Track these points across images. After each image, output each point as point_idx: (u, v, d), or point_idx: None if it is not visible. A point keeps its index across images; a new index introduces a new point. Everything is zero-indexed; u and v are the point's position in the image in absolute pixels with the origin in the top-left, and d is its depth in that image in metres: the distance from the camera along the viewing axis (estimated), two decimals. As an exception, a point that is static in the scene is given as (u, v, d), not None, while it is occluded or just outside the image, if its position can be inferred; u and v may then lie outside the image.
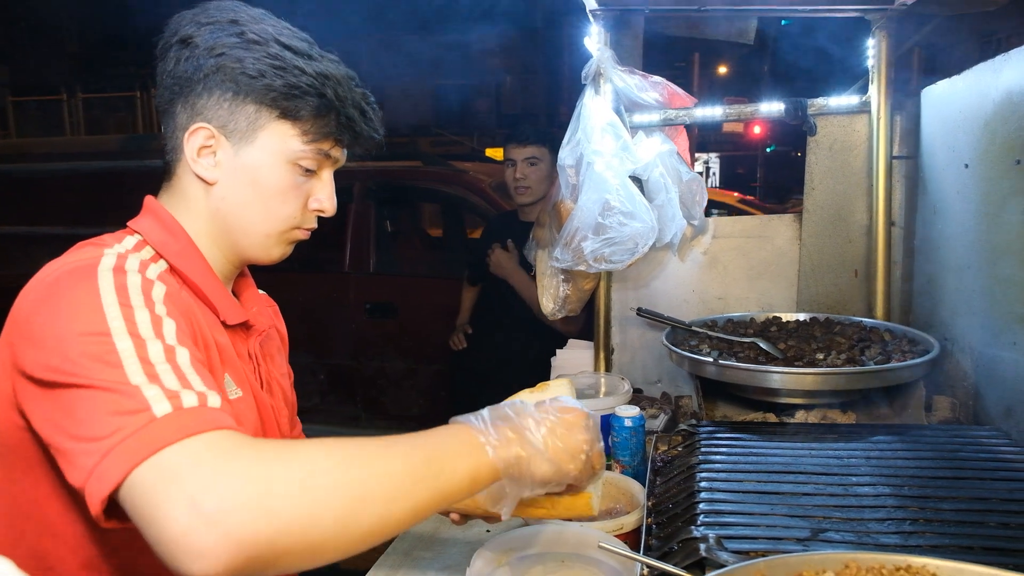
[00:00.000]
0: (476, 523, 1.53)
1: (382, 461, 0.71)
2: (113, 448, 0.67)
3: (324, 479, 0.67)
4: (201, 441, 0.67)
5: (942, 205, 1.64)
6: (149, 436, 0.67)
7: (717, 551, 0.91)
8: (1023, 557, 0.91)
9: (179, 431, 0.67)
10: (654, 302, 2.08)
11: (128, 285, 0.81)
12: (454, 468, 0.75)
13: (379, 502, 0.69)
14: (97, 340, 0.74)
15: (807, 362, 1.60)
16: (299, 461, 0.68)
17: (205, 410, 0.71)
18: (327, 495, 0.67)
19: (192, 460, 0.66)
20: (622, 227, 1.75)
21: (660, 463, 1.34)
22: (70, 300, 0.78)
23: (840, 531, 0.98)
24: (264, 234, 0.99)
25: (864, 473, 1.15)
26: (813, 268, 1.98)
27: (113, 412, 0.69)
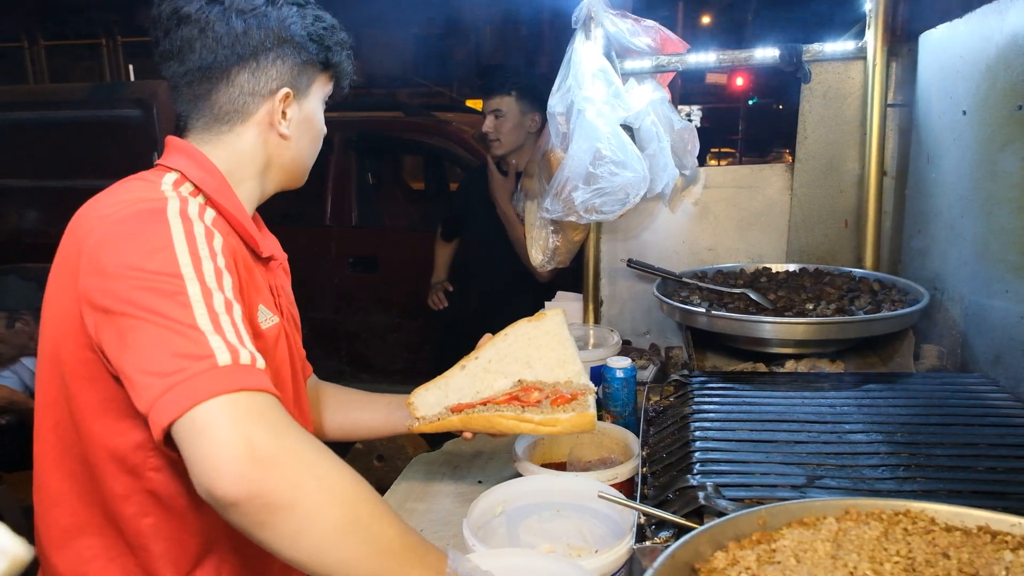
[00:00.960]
0: (470, 473, 1.55)
1: (381, 523, 0.82)
2: (176, 385, 0.77)
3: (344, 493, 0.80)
4: (252, 398, 0.79)
5: (936, 153, 1.63)
6: (211, 380, 0.78)
7: (716, 499, 0.91)
8: (1012, 500, 0.92)
9: (237, 383, 0.78)
10: (644, 253, 2.07)
11: (196, 233, 0.90)
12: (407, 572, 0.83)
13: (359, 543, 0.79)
14: (170, 280, 0.84)
15: (797, 312, 1.60)
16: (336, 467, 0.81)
17: (255, 370, 0.81)
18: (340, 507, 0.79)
19: (246, 411, 0.77)
20: (613, 177, 1.72)
21: (652, 413, 1.34)
22: (145, 238, 0.87)
23: (835, 478, 0.98)
24: (308, 168, 1.15)
25: (856, 421, 1.16)
26: (804, 218, 1.97)
27: (179, 354, 0.79)
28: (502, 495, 1.11)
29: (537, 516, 1.13)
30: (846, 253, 1.94)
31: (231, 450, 0.74)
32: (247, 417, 0.77)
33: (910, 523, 0.77)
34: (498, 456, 1.62)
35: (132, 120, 3.75)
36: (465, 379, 1.25)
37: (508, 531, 1.11)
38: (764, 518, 0.77)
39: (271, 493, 0.75)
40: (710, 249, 2.08)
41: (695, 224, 2.07)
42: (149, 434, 0.85)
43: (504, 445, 1.66)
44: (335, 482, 0.80)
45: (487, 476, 1.53)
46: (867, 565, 0.70)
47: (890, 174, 1.86)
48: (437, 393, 1.24)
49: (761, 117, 15.25)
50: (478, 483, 1.50)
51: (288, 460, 0.77)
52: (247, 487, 0.74)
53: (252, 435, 0.76)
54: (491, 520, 1.09)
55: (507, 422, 1.11)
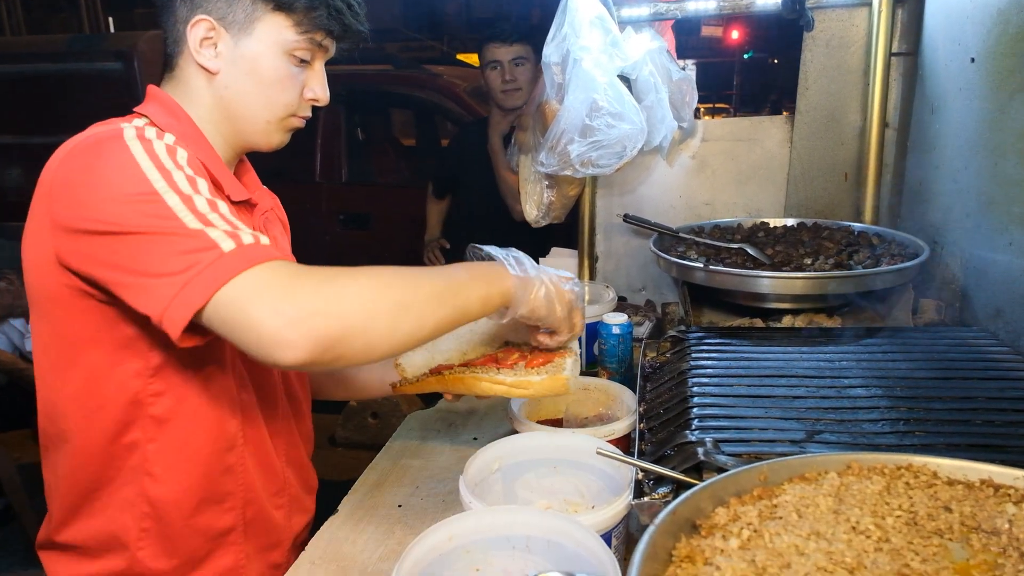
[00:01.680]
0: (465, 430, 1.54)
1: (419, 283, 0.90)
2: (192, 279, 0.81)
3: (375, 292, 0.86)
4: (269, 267, 0.83)
5: (941, 103, 1.59)
6: (224, 265, 0.82)
7: (715, 454, 0.90)
8: (1012, 453, 0.92)
9: (249, 260, 0.83)
10: (640, 208, 2.04)
11: (156, 151, 0.92)
12: (471, 295, 0.95)
13: (416, 310, 0.88)
14: (149, 198, 0.86)
15: (795, 267, 1.58)
16: (355, 279, 0.86)
17: (261, 246, 0.85)
18: (379, 304, 0.86)
19: (268, 279, 0.82)
20: (610, 129, 1.68)
21: (649, 369, 1.34)
22: (109, 164, 0.89)
23: (835, 432, 0.98)
24: (265, 121, 1.06)
25: (856, 375, 1.15)
26: (803, 172, 1.94)
27: (183, 252, 0.83)
28: (498, 452, 1.10)
29: (534, 473, 1.12)
30: (845, 207, 1.92)
31: (275, 323, 0.80)
32: (273, 286, 0.82)
33: (912, 477, 0.77)
34: (493, 413, 1.62)
35: (112, 73, 3.64)
36: (452, 340, 1.24)
37: (504, 488, 1.11)
38: (765, 474, 0.77)
39: (329, 337, 0.81)
40: (707, 204, 2.05)
41: (692, 178, 2.04)
42: (145, 362, 0.97)
43: (499, 403, 1.66)
44: (366, 292, 0.86)
45: (482, 433, 1.53)
46: (869, 519, 0.70)
47: (892, 125, 1.83)
48: (424, 354, 1.23)
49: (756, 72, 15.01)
50: (473, 440, 1.50)
51: (326, 302, 0.82)
52: (309, 346, 0.80)
53: (285, 300, 0.81)
54: (487, 477, 1.08)
55: (482, 384, 1.11)
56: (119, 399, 0.99)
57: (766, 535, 0.67)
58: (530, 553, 0.87)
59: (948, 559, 0.66)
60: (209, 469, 1.05)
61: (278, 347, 0.80)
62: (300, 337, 0.80)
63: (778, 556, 0.64)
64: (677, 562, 0.66)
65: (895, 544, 0.67)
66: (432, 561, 0.84)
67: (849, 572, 0.62)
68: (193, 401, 1.02)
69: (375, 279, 0.88)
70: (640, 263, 2.09)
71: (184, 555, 1.05)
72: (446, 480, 1.33)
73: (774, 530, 0.68)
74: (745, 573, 0.62)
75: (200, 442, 1.03)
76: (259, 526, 1.13)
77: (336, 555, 1.13)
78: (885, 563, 0.64)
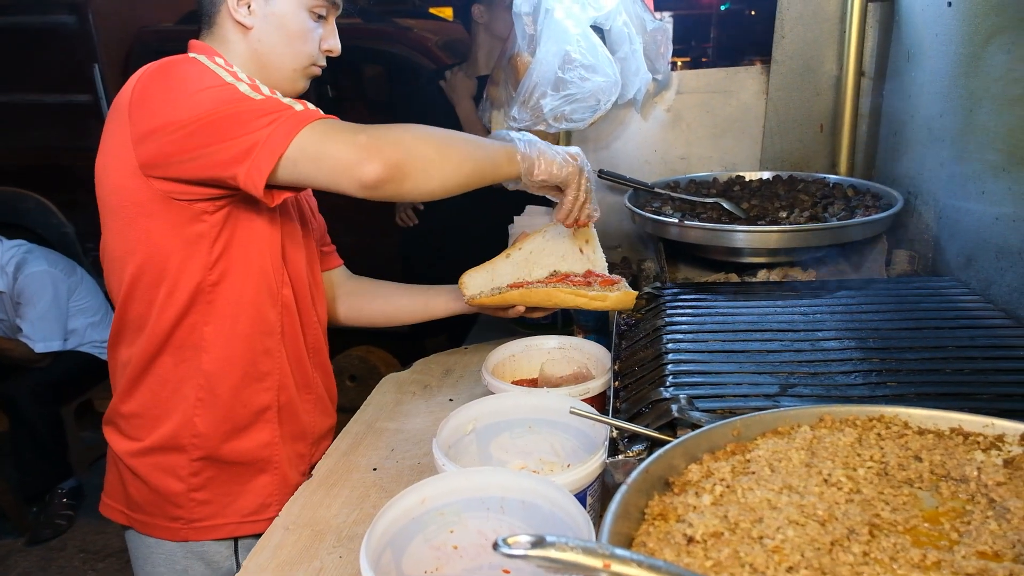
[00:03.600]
0: (440, 392, 1.54)
1: (453, 137, 1.14)
2: (275, 128, 1.02)
3: (423, 133, 1.10)
4: (333, 120, 1.07)
5: (917, 50, 1.58)
6: (299, 117, 1.03)
7: (689, 411, 0.90)
8: (980, 400, 0.93)
9: (317, 115, 1.05)
10: (615, 163, 2.02)
11: (221, 64, 1.11)
12: (497, 154, 1.19)
13: (456, 150, 1.12)
14: (221, 88, 1.05)
15: (770, 221, 1.58)
16: (404, 126, 1.09)
17: (321, 112, 1.07)
18: (428, 140, 1.09)
19: (337, 124, 1.06)
20: (583, 82, 1.65)
21: (624, 327, 1.33)
22: (183, 71, 1.08)
23: (808, 385, 0.98)
24: (292, 69, 1.22)
25: (829, 328, 1.16)
26: (779, 123, 1.92)
27: (260, 115, 1.02)
28: (473, 413, 1.09)
29: (509, 433, 1.12)
30: (821, 159, 1.91)
31: (353, 150, 1.03)
32: (343, 128, 1.05)
33: (884, 428, 0.77)
34: (469, 374, 1.61)
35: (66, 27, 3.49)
36: (510, 266, 1.43)
37: (479, 449, 1.10)
38: (738, 429, 0.76)
39: (396, 158, 1.04)
40: (683, 158, 2.03)
41: (667, 132, 2.02)
42: (208, 256, 1.15)
43: (475, 363, 1.65)
44: (416, 132, 1.09)
45: (458, 394, 1.52)
46: (841, 471, 0.70)
47: (868, 74, 1.81)
48: (484, 276, 1.41)
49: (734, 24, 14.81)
50: (449, 402, 1.50)
51: (387, 136, 1.05)
52: (381, 164, 1.03)
53: (357, 134, 1.04)
54: (462, 439, 1.08)
55: (564, 295, 1.31)
56: (187, 287, 1.16)
57: (738, 490, 0.67)
58: (504, 514, 0.87)
59: (918, 508, 0.66)
60: (252, 348, 1.22)
61: (359, 166, 1.02)
62: (374, 157, 1.03)
63: (750, 511, 0.64)
64: (650, 520, 0.65)
65: (866, 495, 0.67)
66: (405, 524, 0.83)
67: (820, 524, 0.63)
68: (243, 290, 1.20)
69: (420, 127, 1.10)
70: (616, 220, 2.07)
71: (230, 423, 1.22)
72: (422, 442, 1.33)
73: (747, 485, 0.68)
74: (717, 529, 0.62)
75: (245, 325, 1.21)
76: (289, 411, 1.29)
77: (310, 520, 1.12)
78: (856, 514, 0.64)
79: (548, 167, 1.23)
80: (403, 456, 1.30)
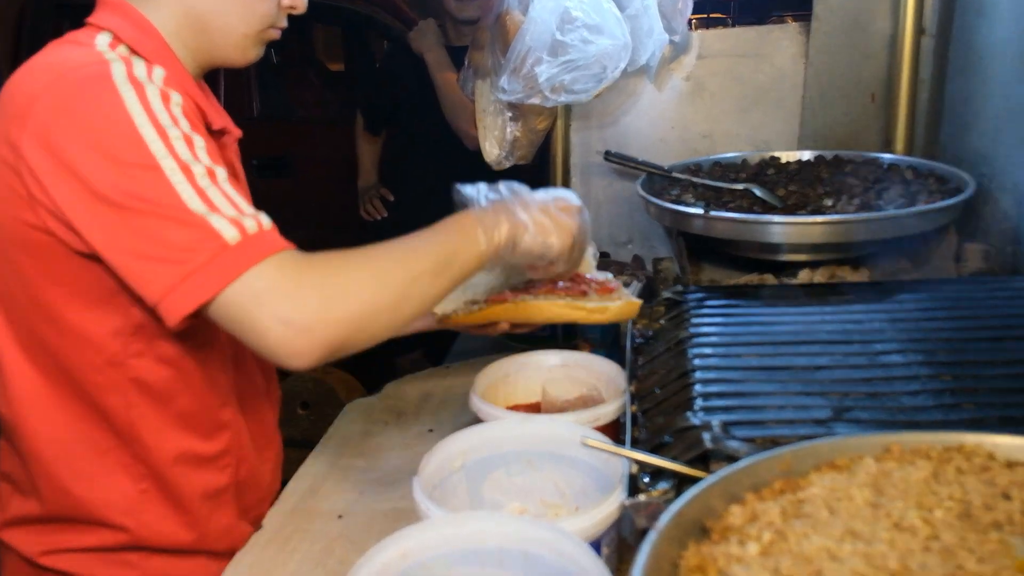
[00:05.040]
0: (418, 420, 1.53)
1: (415, 263, 1.02)
2: (195, 271, 0.91)
3: (377, 285, 0.98)
4: (274, 263, 0.93)
5: (990, 4, 1.59)
6: (228, 261, 0.91)
7: (725, 440, 0.90)
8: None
9: (252, 257, 0.92)
10: (625, 143, 2.03)
11: (150, 100, 0.98)
12: (464, 260, 1.07)
13: (416, 294, 1.01)
14: (146, 170, 0.94)
15: (812, 210, 1.60)
16: (358, 271, 0.99)
17: (265, 233, 0.95)
18: (382, 297, 0.98)
19: (273, 281, 0.93)
20: (586, 46, 1.66)
21: (641, 340, 1.34)
22: (98, 113, 0.96)
23: (867, 408, 0.99)
24: (243, 34, 1.14)
25: (890, 339, 1.17)
26: (821, 93, 1.94)
27: (184, 238, 0.92)
28: (460, 446, 1.10)
29: (504, 470, 1.12)
30: (872, 135, 1.92)
31: (283, 333, 0.92)
32: (279, 290, 0.92)
33: (964, 460, 0.77)
34: (452, 399, 1.61)
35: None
36: (483, 274, 1.34)
37: (469, 489, 1.10)
38: (788, 462, 0.77)
39: (335, 342, 0.94)
40: (705, 136, 2.05)
41: (687, 105, 2.03)
42: (126, 319, 1.07)
43: (459, 386, 1.65)
44: (369, 287, 0.98)
45: (440, 423, 1.53)
46: (915, 513, 0.70)
47: (929, 32, 1.83)
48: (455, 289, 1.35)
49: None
50: (429, 432, 1.50)
51: (331, 307, 0.94)
52: (316, 354, 0.93)
53: (292, 308, 0.92)
54: (448, 477, 1.08)
55: (558, 310, 1.27)
56: (96, 361, 1.08)
57: (791, 537, 0.67)
58: (504, 569, 0.87)
59: (1009, 557, 0.66)
60: (199, 425, 1.17)
61: (286, 356, 0.93)
62: (308, 346, 0.93)
63: (807, 562, 0.64)
64: (685, 574, 0.65)
65: (946, 542, 0.67)
66: (383, 584, 0.83)
67: (892, 578, 0.62)
68: (182, 359, 1.14)
69: (375, 269, 1.00)
70: (625, 210, 2.08)
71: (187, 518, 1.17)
72: (398, 483, 1.33)
73: (801, 530, 0.68)
74: (768, 585, 0.61)
75: (189, 402, 1.15)
76: (249, 484, 1.25)
77: (262, 581, 1.11)
78: (935, 565, 0.64)
79: (529, 249, 1.12)
80: (375, 500, 1.29)
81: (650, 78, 1.95)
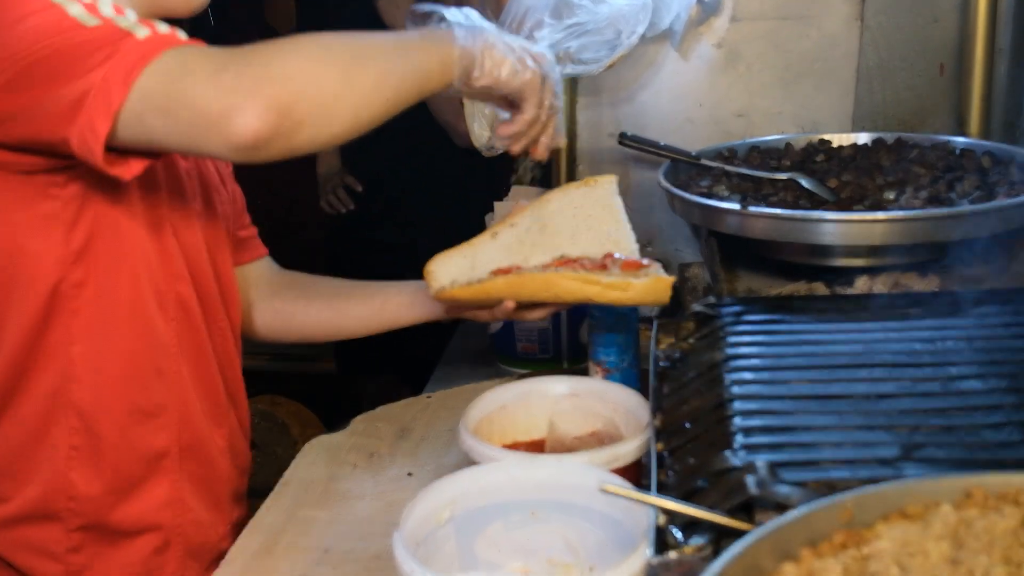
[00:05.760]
0: (394, 462, 1.54)
1: (362, 37, 1.16)
2: (109, 70, 1.00)
3: (318, 48, 1.10)
4: (193, 46, 1.06)
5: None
6: (139, 49, 1.01)
7: (773, 485, 0.91)
8: None
9: (169, 42, 1.04)
10: (643, 124, 2.04)
11: None
12: (424, 51, 1.20)
13: (370, 62, 1.12)
14: (42, 11, 1.04)
15: (871, 204, 1.61)
16: (293, 43, 1.09)
17: (179, 37, 1.08)
18: (326, 62, 1.09)
19: (194, 55, 1.04)
20: (597, 5, 1.68)
21: (666, 363, 1.35)
22: None
23: (943, 445, 1.00)
24: None
25: (967, 361, 1.18)
26: (880, 63, 1.96)
27: (90, 48, 1.01)
28: (449, 493, 1.10)
29: (502, 522, 1.13)
30: (942, 114, 1.95)
31: (217, 92, 1.01)
32: (203, 59, 1.04)
33: (1059, 506, 0.78)
34: (435, 435, 1.62)
35: None
36: (497, 250, 1.42)
37: (460, 546, 1.11)
38: (850, 511, 0.77)
39: (280, 97, 1.01)
40: (741, 115, 2.06)
41: (718, 77, 2.05)
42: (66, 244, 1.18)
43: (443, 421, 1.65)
44: (307, 49, 1.09)
45: (421, 466, 1.53)
46: (1001, 569, 0.71)
47: (1008, -9, 1.86)
48: (461, 262, 1.41)
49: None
50: (407, 476, 1.50)
51: (266, 64, 1.04)
52: (261, 110, 1.00)
53: (221, 69, 1.02)
54: (435, 531, 1.08)
55: (567, 282, 1.31)
56: (41, 291, 1.18)
57: (856, 601, 0.68)
58: (505, 643, 0.88)
59: (1114, 621, 0.67)
60: (137, 371, 1.27)
61: (228, 118, 0.99)
62: (249, 101, 0.99)
63: (875, 631, 0.65)
64: (729, 647, 0.66)
65: (1040, 604, 0.68)
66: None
67: (977, 649, 0.64)
68: (116, 291, 1.24)
69: (313, 41, 1.10)
70: (645, 205, 2.09)
71: (118, 478, 1.27)
72: (371, 537, 1.33)
73: (867, 593, 0.69)
74: (829, 659, 0.62)
75: (125, 339, 1.25)
76: (197, 454, 1.36)
77: (208, 659, 1.12)
78: (1027, 633, 0.65)
79: (495, 69, 1.24)
80: (343, 559, 1.29)
81: (674, 45, 1.96)
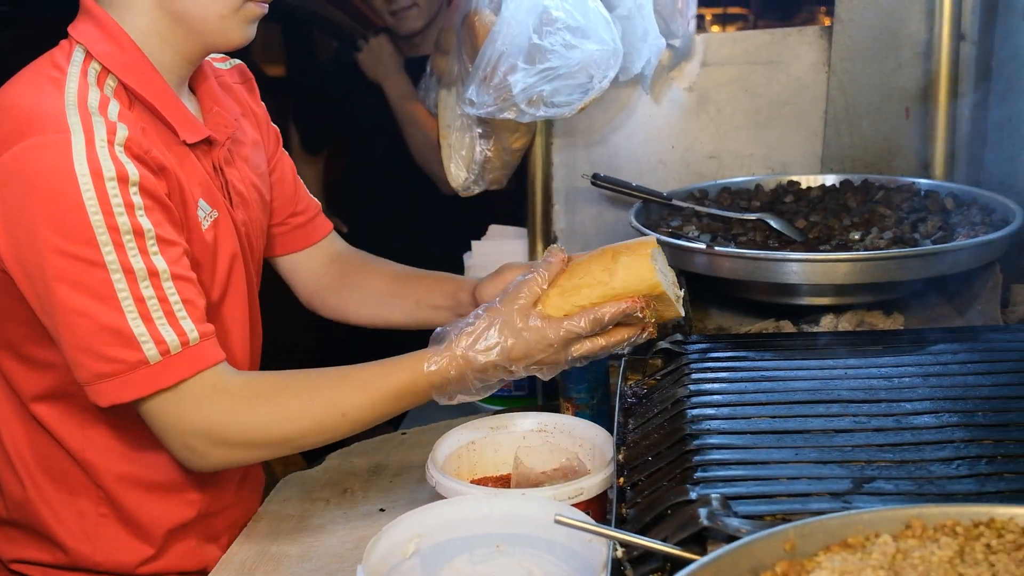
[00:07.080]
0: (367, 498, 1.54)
1: (353, 402, 1.27)
2: (111, 377, 1.18)
3: (310, 418, 1.27)
4: (187, 388, 1.21)
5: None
6: (145, 379, 1.19)
7: (724, 517, 0.93)
8: None
9: (169, 377, 1.19)
10: (616, 165, 2.07)
11: (107, 187, 1.16)
12: (399, 405, 1.30)
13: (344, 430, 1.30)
14: (90, 264, 1.16)
15: (837, 245, 1.63)
16: (269, 405, 1.27)
17: (188, 352, 1.21)
18: (294, 434, 1.27)
19: (177, 408, 1.21)
20: (569, 51, 1.70)
21: (632, 399, 1.36)
22: (52, 203, 1.16)
23: (892, 479, 1.01)
24: (218, 16, 1.27)
25: (922, 397, 1.20)
26: (847, 107, 1.99)
27: (110, 343, 1.17)
28: (415, 528, 1.11)
29: (468, 555, 1.14)
30: (907, 156, 1.97)
31: (180, 451, 1.24)
32: (192, 408, 1.21)
33: (995, 537, 0.79)
34: (407, 471, 1.62)
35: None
36: None
37: (425, 580, 1.11)
38: (792, 541, 0.78)
39: (232, 464, 1.37)
40: (712, 157, 2.09)
41: (690, 120, 2.07)
42: None
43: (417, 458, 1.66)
44: (298, 422, 1.27)
45: (393, 502, 1.53)
46: (936, 600, 0.73)
47: (970, 38, 1.88)
48: None
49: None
50: (380, 512, 1.50)
51: (233, 438, 1.25)
52: (207, 468, 1.28)
53: (191, 433, 1.22)
54: (400, 564, 1.09)
55: None
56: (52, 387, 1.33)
57: (794, 628, 0.69)
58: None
59: (1042, 648, 0.69)
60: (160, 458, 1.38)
61: (186, 463, 1.27)
62: (206, 465, 1.27)
63: (810, 657, 0.66)
64: (669, 673, 0.67)
65: (971, 631, 0.70)
66: None
67: (908, 674, 0.65)
68: None
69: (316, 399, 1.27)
70: (617, 244, 2.10)
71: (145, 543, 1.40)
72: (340, 573, 1.34)
73: (805, 620, 0.70)
74: None
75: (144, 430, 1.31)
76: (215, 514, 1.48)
77: None
78: (957, 658, 0.67)
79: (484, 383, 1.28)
80: (312, 594, 1.30)
81: (645, 88, 1.98)
